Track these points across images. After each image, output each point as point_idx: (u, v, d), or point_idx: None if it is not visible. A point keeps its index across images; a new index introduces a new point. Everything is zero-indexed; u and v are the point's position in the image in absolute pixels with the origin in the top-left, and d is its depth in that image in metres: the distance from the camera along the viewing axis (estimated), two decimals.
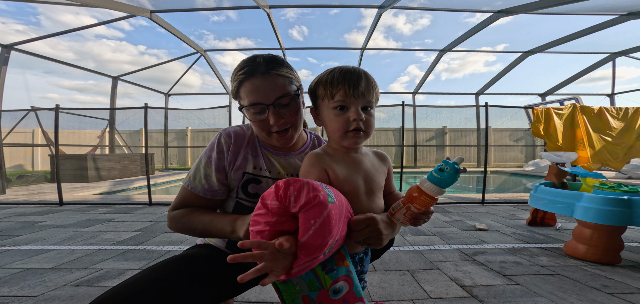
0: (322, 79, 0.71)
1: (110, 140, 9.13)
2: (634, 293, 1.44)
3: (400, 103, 4.29)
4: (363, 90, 0.67)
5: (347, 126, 0.68)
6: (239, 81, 0.75)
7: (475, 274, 1.68)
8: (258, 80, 0.73)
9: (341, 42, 13.84)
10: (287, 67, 0.78)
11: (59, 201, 4.00)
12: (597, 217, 1.78)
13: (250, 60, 0.76)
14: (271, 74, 0.75)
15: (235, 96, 0.79)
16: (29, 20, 29.24)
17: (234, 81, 0.77)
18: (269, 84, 0.74)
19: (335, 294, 0.59)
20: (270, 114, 0.75)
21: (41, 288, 1.54)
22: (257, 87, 0.73)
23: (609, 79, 8.34)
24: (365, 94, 0.68)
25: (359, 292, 0.62)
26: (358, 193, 0.72)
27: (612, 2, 5.04)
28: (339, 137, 0.71)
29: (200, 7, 6.27)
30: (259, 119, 0.76)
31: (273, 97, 0.74)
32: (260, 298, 1.43)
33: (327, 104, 0.70)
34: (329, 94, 0.69)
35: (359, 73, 0.68)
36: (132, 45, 27.72)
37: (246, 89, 0.74)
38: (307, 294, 0.59)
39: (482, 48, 8.00)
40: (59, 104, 3.93)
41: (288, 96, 0.76)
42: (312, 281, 0.59)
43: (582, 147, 4.01)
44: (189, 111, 7.67)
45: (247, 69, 0.74)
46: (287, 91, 0.76)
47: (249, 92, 0.74)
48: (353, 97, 0.67)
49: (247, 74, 0.74)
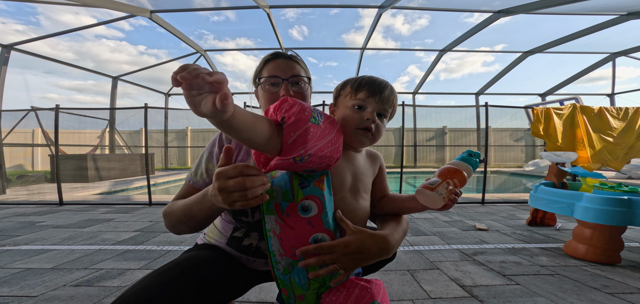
0: (352, 80, 0.77)
1: (110, 140, 9.13)
2: (634, 293, 1.44)
3: (400, 103, 4.30)
4: (384, 97, 0.73)
5: (359, 123, 0.72)
6: (266, 60, 0.90)
7: (475, 274, 1.68)
8: (280, 61, 0.89)
9: (339, 42, 13.84)
10: (304, 64, 0.95)
11: (59, 201, 4.01)
12: (597, 217, 1.78)
13: (276, 52, 0.92)
14: (293, 59, 0.90)
15: (257, 74, 0.90)
16: (29, 20, 29.27)
17: (260, 63, 0.91)
18: (288, 65, 0.88)
19: (303, 212, 0.63)
20: (283, 88, 0.86)
21: (41, 288, 1.54)
22: (279, 65, 0.88)
23: (607, 79, 8.34)
24: (384, 102, 0.73)
25: (328, 223, 0.63)
26: (343, 188, 0.73)
27: (612, 2, 5.04)
28: (349, 133, 0.73)
29: (201, 7, 6.27)
30: (272, 90, 0.87)
31: (289, 74, 0.87)
32: (260, 298, 1.43)
33: (347, 100, 0.75)
34: (353, 92, 0.74)
35: (386, 84, 0.75)
36: (132, 45, 27.73)
37: (269, 66, 0.88)
38: (280, 203, 0.64)
39: (482, 48, 8.00)
40: (59, 104, 3.93)
41: (301, 77, 0.89)
42: (286, 191, 0.64)
43: (582, 147, 4.01)
44: (189, 111, 7.69)
45: (274, 53, 0.91)
46: (300, 73, 0.89)
47: (270, 68, 0.88)
48: (373, 99, 0.72)
49: (274, 56, 0.90)
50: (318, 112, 0.61)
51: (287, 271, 0.65)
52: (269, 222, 0.65)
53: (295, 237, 0.63)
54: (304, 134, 0.55)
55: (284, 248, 0.64)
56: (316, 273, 0.64)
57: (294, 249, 0.64)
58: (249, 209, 0.85)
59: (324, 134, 0.59)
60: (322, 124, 0.60)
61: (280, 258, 0.65)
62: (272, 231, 0.65)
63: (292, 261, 0.65)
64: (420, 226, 2.77)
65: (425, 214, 3.24)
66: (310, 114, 0.57)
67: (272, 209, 0.64)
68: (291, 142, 0.55)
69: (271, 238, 0.65)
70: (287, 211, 0.63)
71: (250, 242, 0.87)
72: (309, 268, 0.64)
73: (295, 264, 0.64)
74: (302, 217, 0.63)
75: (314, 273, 0.64)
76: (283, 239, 0.64)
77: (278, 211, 0.64)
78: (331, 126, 0.63)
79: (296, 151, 0.55)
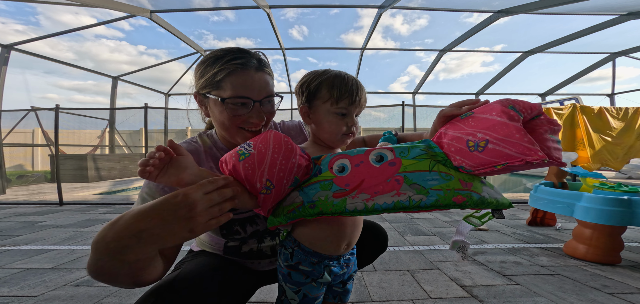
0: (327, 82, 0.73)
1: (110, 140, 9.12)
2: (634, 293, 1.44)
3: (401, 103, 4.30)
4: (362, 101, 0.75)
5: (344, 130, 0.75)
6: (230, 70, 0.70)
7: (475, 274, 1.68)
8: (251, 74, 0.72)
9: (338, 42, 13.83)
10: (271, 70, 0.80)
11: (59, 201, 4.00)
12: (597, 218, 1.78)
13: (241, 52, 0.73)
14: (265, 71, 0.75)
15: (213, 84, 0.72)
16: (29, 20, 29.29)
17: (221, 68, 0.71)
18: (261, 81, 0.74)
19: (341, 172, 0.62)
20: (255, 111, 0.74)
21: (41, 288, 1.54)
22: (252, 81, 0.72)
23: (607, 79, 8.33)
24: (361, 105, 0.75)
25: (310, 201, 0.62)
26: None
27: (612, 2, 5.04)
28: (334, 138, 0.76)
29: (201, 7, 6.27)
30: (240, 113, 0.73)
31: (263, 95, 0.74)
32: (260, 298, 1.43)
33: (328, 107, 0.73)
34: (334, 99, 0.72)
35: (359, 85, 0.74)
36: (132, 45, 27.74)
37: (236, 80, 0.71)
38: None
39: (482, 48, 7.99)
40: (59, 104, 3.93)
41: (273, 96, 0.78)
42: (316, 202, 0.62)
43: (582, 147, 4.01)
44: (189, 111, 7.64)
45: (243, 61, 0.72)
46: (273, 92, 0.78)
47: (239, 84, 0.71)
48: (353, 106, 0.74)
49: (243, 65, 0.71)
50: (246, 145, 0.62)
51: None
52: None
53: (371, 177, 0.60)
54: (245, 176, 0.58)
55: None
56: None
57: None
58: (239, 225, 0.83)
59: (261, 157, 0.59)
60: (253, 150, 0.60)
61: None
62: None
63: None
64: (420, 226, 2.77)
65: (425, 214, 3.24)
66: (236, 156, 0.60)
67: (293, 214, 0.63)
68: (249, 188, 0.59)
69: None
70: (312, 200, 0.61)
71: (250, 248, 0.86)
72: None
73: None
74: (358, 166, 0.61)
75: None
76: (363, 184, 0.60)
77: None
78: (264, 144, 0.61)
79: (257, 189, 0.58)
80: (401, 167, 0.58)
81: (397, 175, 0.57)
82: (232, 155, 0.61)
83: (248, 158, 0.59)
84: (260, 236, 0.86)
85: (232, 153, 0.62)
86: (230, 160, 0.61)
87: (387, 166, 0.58)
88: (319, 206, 0.59)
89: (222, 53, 0.73)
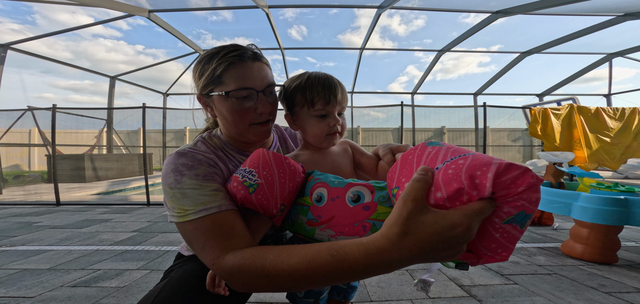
0: (300, 88, 0.73)
1: (108, 140, 9.08)
2: (631, 292, 1.45)
3: (399, 103, 4.31)
4: (340, 99, 0.73)
5: (327, 130, 0.74)
6: (229, 63, 0.69)
7: (474, 274, 1.69)
8: (250, 65, 0.71)
9: (335, 43, 13.86)
10: (267, 59, 0.78)
11: (56, 201, 3.98)
12: (594, 217, 1.80)
13: (235, 46, 0.72)
14: (262, 61, 0.74)
15: (214, 81, 0.70)
16: (25, 19, 29.10)
17: (219, 62, 0.69)
18: (259, 70, 0.72)
19: (318, 202, 0.63)
20: (259, 101, 0.72)
21: (38, 288, 1.53)
22: (251, 72, 0.71)
23: (604, 80, 8.40)
24: (341, 102, 0.74)
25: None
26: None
27: (608, 2, 5.08)
28: (320, 142, 0.76)
29: (200, 7, 6.25)
30: (245, 105, 0.71)
31: (264, 84, 0.73)
32: (259, 298, 1.43)
33: (306, 111, 0.73)
34: (309, 103, 0.72)
35: (335, 82, 0.73)
36: (130, 44, 27.62)
37: (236, 72, 0.69)
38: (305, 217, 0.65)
39: (479, 48, 8.03)
40: (56, 104, 3.91)
41: (274, 85, 0.76)
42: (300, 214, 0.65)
43: (579, 148, 4.04)
44: (187, 111, 7.66)
45: (239, 53, 0.70)
46: (273, 82, 0.76)
47: (239, 76, 0.69)
48: (330, 105, 0.72)
49: (240, 57, 0.70)
50: (249, 174, 0.62)
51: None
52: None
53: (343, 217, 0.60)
54: (260, 206, 0.60)
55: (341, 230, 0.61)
56: None
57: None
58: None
59: (270, 185, 0.61)
60: (260, 180, 0.61)
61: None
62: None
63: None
64: None
65: None
66: (244, 188, 0.61)
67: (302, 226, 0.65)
68: (263, 213, 0.62)
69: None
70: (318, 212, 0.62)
71: None
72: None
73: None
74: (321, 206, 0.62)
75: None
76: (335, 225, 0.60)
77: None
78: (268, 170, 0.62)
79: (273, 214, 0.61)
80: (374, 213, 0.56)
81: (366, 221, 0.56)
82: (240, 187, 0.61)
83: (258, 189, 0.60)
84: (263, 239, 0.85)
85: (238, 185, 0.61)
86: (238, 191, 0.61)
87: (361, 209, 0.58)
88: (296, 226, 0.64)
89: (217, 49, 0.72)
